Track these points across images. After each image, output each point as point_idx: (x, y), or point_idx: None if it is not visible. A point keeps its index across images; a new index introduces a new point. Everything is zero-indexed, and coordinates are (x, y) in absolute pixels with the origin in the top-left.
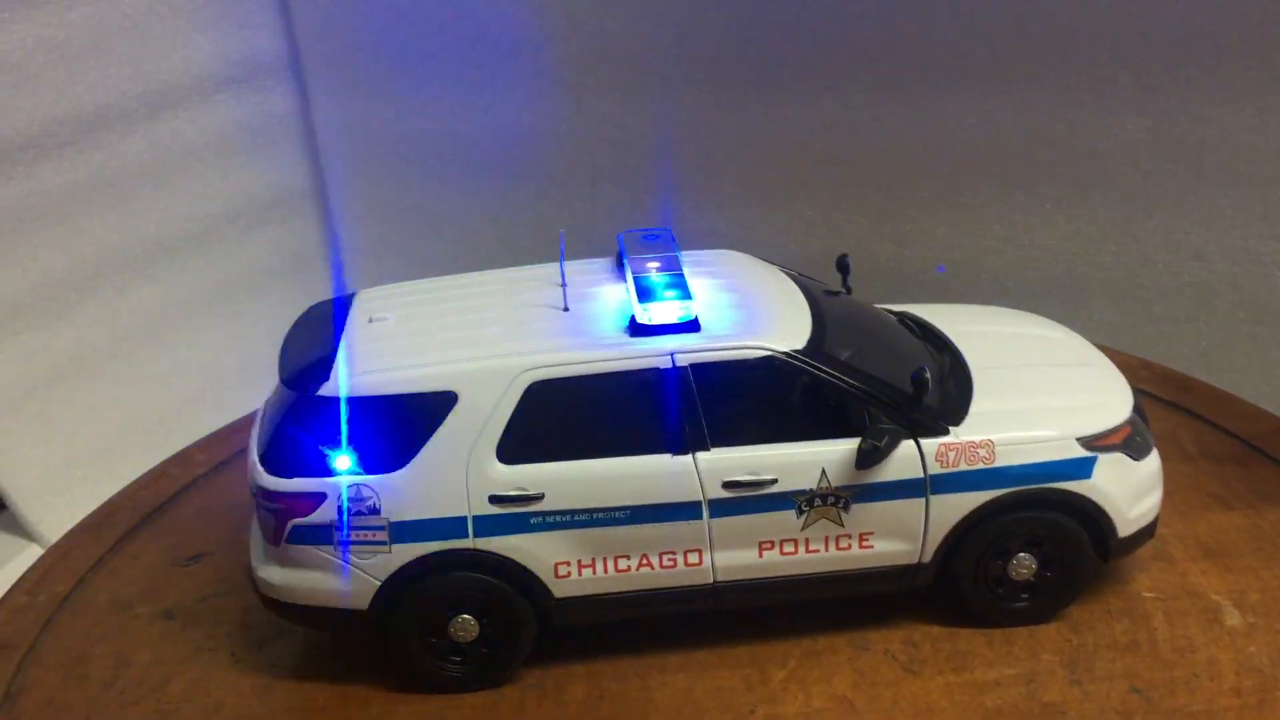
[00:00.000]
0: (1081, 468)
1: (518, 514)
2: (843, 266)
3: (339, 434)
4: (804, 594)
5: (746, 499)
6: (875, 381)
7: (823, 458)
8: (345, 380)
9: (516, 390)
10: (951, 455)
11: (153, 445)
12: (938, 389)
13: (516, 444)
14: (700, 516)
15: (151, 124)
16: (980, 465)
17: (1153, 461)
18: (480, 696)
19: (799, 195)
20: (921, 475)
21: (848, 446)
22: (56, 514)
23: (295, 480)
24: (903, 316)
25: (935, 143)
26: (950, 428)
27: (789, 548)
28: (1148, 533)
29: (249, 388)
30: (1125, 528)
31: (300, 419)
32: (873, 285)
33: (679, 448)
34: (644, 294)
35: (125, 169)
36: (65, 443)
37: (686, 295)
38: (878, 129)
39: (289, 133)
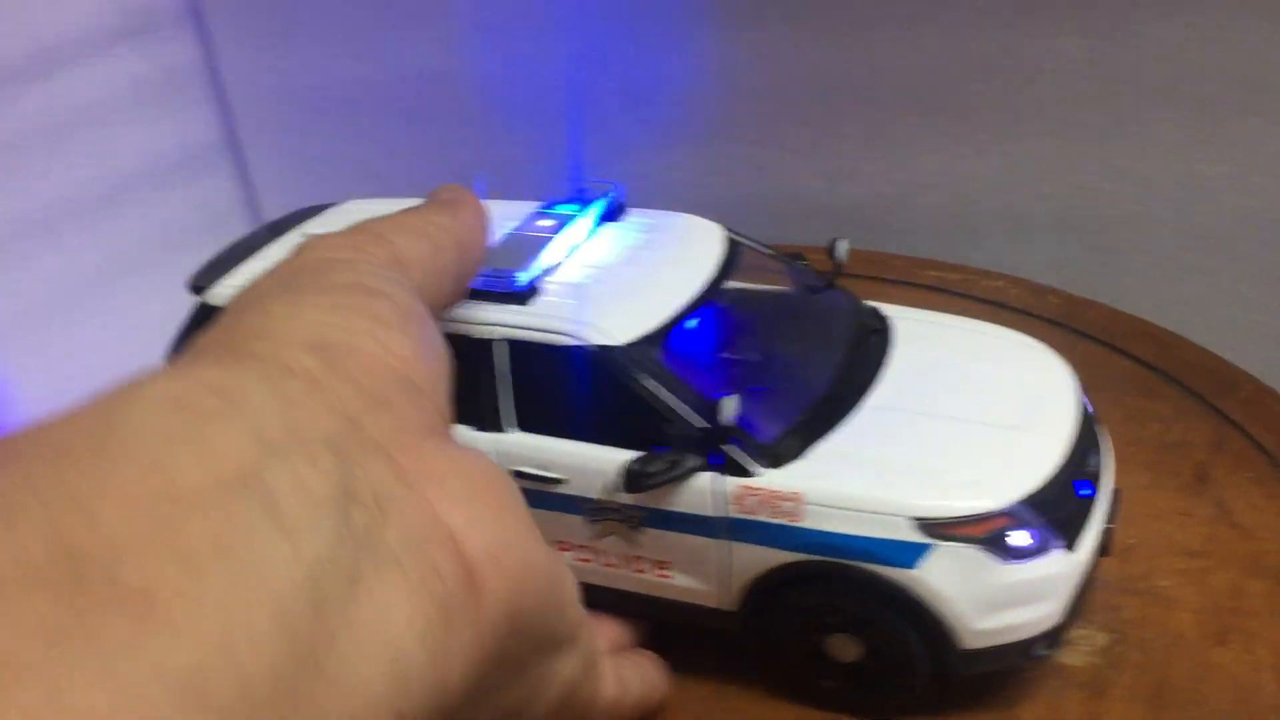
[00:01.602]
0: (903, 553)
1: None
2: (831, 252)
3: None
4: (615, 605)
5: (536, 493)
6: (692, 400)
7: (612, 468)
8: (219, 289)
9: None
10: (752, 501)
11: None
12: (784, 422)
13: None
14: None
15: (44, 84)
16: (783, 520)
17: (1040, 569)
18: None
19: (721, 133)
20: (717, 514)
21: None
22: None
23: None
24: (875, 329)
25: (861, 73)
26: (762, 469)
27: (584, 554)
28: (1020, 652)
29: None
30: (972, 639)
31: (188, 321)
32: (804, 225)
33: (481, 424)
34: (494, 255)
35: (19, 133)
36: None
37: (524, 264)
38: (800, 60)
39: (195, 85)
